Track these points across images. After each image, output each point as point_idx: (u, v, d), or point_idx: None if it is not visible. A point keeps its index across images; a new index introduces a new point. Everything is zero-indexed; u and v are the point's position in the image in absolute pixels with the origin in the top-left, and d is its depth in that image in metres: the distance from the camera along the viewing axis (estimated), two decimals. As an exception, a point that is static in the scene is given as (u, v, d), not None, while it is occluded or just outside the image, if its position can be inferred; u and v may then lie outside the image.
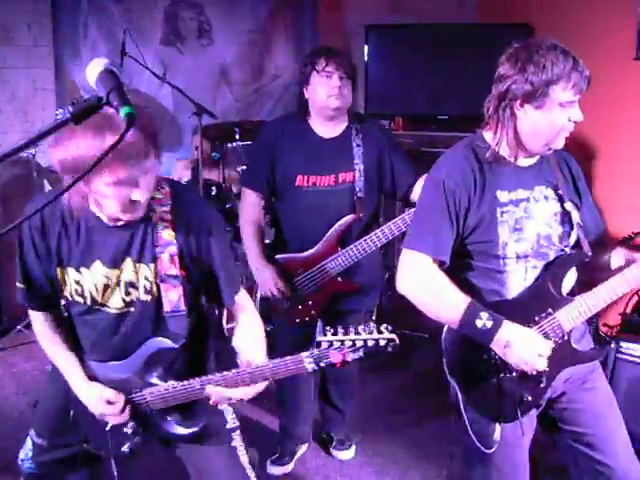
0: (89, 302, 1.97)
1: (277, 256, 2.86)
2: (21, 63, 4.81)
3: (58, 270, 1.96)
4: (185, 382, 1.94)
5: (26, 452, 2.18)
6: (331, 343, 1.73)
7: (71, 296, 1.99)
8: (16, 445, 2.29)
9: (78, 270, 1.94)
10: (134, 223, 1.89)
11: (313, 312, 2.84)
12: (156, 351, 1.98)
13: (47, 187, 4.64)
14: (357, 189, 2.75)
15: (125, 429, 2.03)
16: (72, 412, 2.10)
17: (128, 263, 1.93)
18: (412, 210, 2.71)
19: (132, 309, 1.98)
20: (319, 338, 1.75)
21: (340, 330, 1.75)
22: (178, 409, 2.01)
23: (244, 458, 2.13)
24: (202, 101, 4.49)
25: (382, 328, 1.75)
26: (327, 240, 2.77)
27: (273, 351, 3.05)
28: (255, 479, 2.16)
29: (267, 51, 5.47)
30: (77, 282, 1.96)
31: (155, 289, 1.95)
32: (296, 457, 3.26)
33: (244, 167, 2.97)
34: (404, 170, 2.83)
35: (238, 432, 2.17)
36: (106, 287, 1.95)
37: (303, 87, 2.75)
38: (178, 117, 5.18)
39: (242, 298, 2.10)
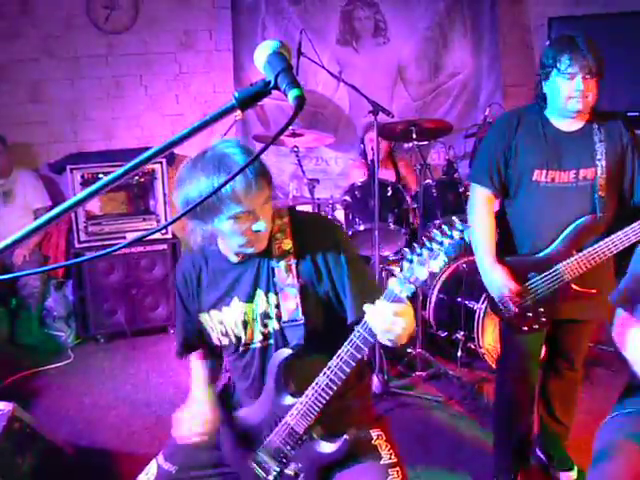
0: (234, 341, 2.00)
1: (507, 258, 2.64)
2: (202, 67, 4.93)
3: (202, 316, 2.04)
4: (314, 384, 1.85)
5: (148, 476, 2.15)
6: (411, 260, 1.64)
7: (219, 340, 2.04)
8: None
9: (220, 310, 2.00)
10: (259, 254, 1.93)
11: (544, 319, 2.63)
12: (279, 365, 1.91)
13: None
14: (598, 187, 2.55)
15: (287, 471, 1.97)
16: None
17: (260, 295, 1.95)
18: None
19: (271, 341, 1.97)
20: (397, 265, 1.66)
21: (415, 246, 1.66)
22: (320, 424, 1.92)
23: None
24: (378, 100, 4.35)
25: (453, 220, 1.64)
26: (563, 241, 2.57)
27: (500, 361, 2.89)
28: None
29: (444, 48, 5.26)
30: (220, 322, 2.01)
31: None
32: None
33: (475, 162, 2.77)
34: None
35: (397, 469, 1.97)
36: (245, 323, 1.97)
37: (542, 79, 2.55)
38: (354, 118, 5.10)
39: None
